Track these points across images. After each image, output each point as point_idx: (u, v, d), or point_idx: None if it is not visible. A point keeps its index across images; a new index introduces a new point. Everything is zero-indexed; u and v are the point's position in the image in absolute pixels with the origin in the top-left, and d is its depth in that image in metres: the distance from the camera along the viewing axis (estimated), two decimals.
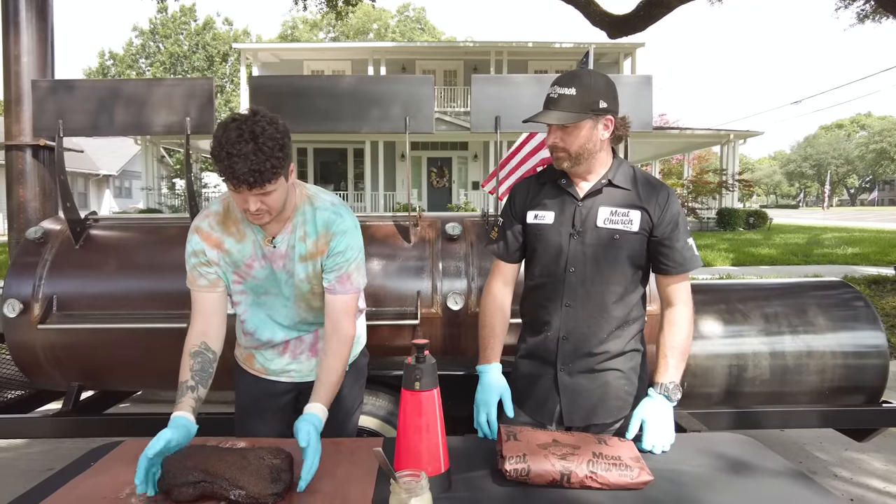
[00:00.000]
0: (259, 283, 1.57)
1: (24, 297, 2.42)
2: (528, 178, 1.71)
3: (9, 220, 2.83)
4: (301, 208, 1.55)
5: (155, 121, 2.40)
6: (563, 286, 1.57)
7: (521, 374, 1.68)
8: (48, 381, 2.59)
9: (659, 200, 1.54)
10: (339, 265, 1.55)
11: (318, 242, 1.54)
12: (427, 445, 1.21)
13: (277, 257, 1.55)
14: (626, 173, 1.57)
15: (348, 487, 1.23)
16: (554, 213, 1.58)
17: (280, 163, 1.32)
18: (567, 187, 1.58)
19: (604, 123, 1.50)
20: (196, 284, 1.54)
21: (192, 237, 1.53)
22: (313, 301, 1.62)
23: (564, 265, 1.57)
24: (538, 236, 1.60)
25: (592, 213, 1.55)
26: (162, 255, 2.51)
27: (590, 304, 1.56)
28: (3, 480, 2.99)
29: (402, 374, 1.24)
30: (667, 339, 1.54)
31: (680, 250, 1.55)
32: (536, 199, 1.63)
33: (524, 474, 1.23)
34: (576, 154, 1.50)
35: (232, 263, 1.54)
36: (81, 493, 1.22)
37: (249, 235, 1.53)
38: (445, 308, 2.40)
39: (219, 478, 1.16)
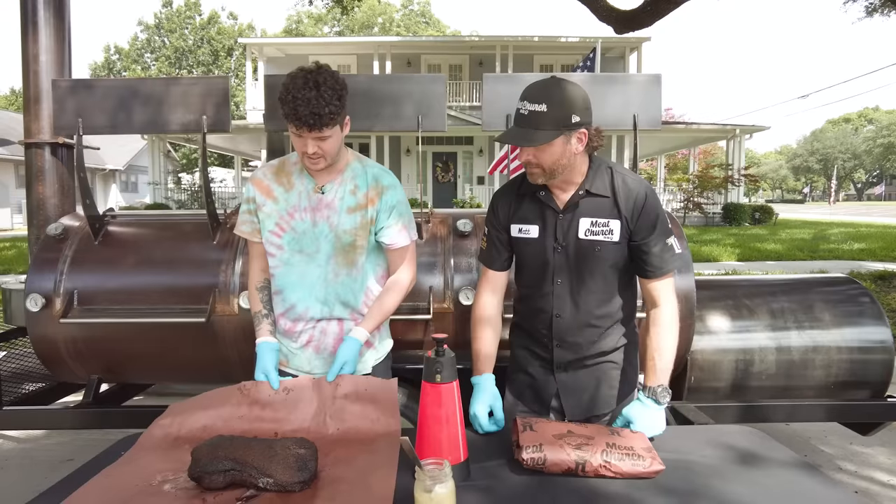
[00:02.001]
0: (297, 236, 1.64)
1: (46, 291, 2.48)
2: (508, 188, 1.68)
3: (28, 216, 2.89)
4: (351, 164, 1.68)
5: (172, 119, 2.44)
6: (551, 297, 1.60)
7: (519, 368, 1.72)
8: (69, 374, 2.65)
9: (636, 206, 1.52)
10: (395, 219, 1.67)
11: (369, 194, 1.65)
12: (447, 435, 1.26)
13: (322, 207, 1.63)
14: (604, 180, 1.55)
15: (370, 475, 1.28)
16: (537, 226, 1.59)
17: (337, 110, 1.47)
18: (546, 200, 1.57)
19: (577, 137, 1.47)
20: (240, 230, 1.73)
21: (246, 186, 1.72)
22: (350, 257, 1.65)
23: (551, 277, 1.59)
24: (524, 250, 1.63)
25: (574, 225, 1.55)
26: (179, 250, 2.56)
27: (579, 313, 1.59)
28: (24, 470, 3.06)
29: (423, 367, 1.29)
30: (653, 342, 1.54)
31: (658, 254, 1.54)
32: (519, 213, 1.63)
33: (540, 463, 1.28)
34: (550, 170, 1.49)
35: (277, 212, 1.65)
36: (114, 482, 1.27)
37: (297, 187, 1.65)
38: (457, 303, 2.45)
39: (248, 466, 1.21)
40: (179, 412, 1.53)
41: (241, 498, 1.19)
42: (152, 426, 1.50)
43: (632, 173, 1.58)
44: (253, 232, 1.71)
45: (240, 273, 2.46)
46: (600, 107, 2.54)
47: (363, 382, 1.56)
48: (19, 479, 2.97)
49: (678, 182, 19.62)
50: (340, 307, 1.69)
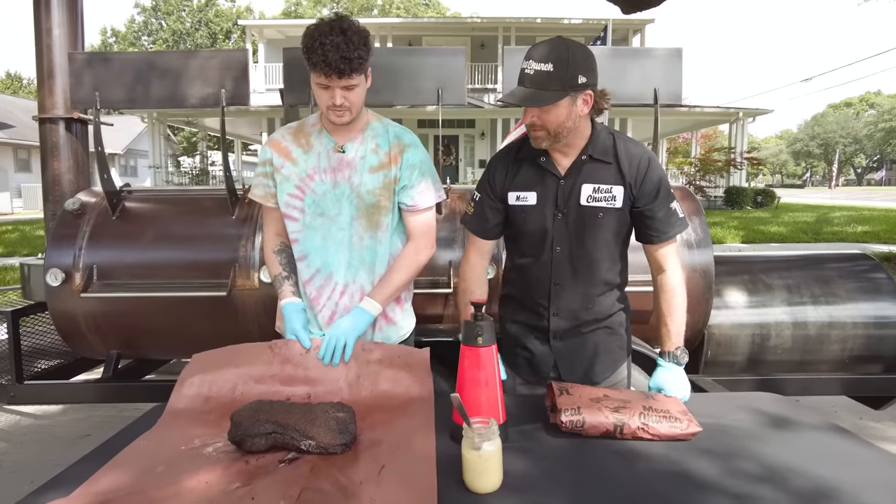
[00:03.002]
0: (317, 198, 1.60)
1: (66, 266, 2.48)
2: (506, 153, 1.63)
3: (44, 192, 2.88)
4: (371, 123, 1.65)
5: (190, 93, 2.43)
6: (550, 266, 1.58)
7: (512, 340, 1.70)
8: (88, 349, 2.66)
9: (639, 171, 1.51)
10: (418, 178, 1.63)
11: (391, 152, 1.62)
12: (486, 398, 1.26)
13: (343, 166, 1.60)
14: (606, 144, 1.52)
15: (410, 438, 1.29)
16: (536, 193, 1.55)
17: (365, 54, 1.45)
18: (547, 165, 1.54)
19: (583, 99, 1.43)
20: (253, 193, 1.69)
21: (263, 148, 1.67)
22: (374, 219, 1.61)
23: (550, 245, 1.57)
24: (523, 218, 1.58)
25: (575, 191, 1.52)
26: (198, 225, 2.56)
27: (579, 281, 1.58)
28: (43, 445, 3.09)
29: (462, 331, 1.29)
30: (664, 308, 1.55)
31: (663, 219, 1.52)
32: (517, 179, 1.58)
33: (579, 426, 1.29)
34: (555, 132, 1.45)
35: (296, 174, 1.61)
36: (155, 445, 1.28)
37: (316, 147, 1.61)
38: None
39: (290, 429, 1.22)
40: (208, 368, 1.52)
41: (283, 460, 1.20)
42: (182, 384, 1.50)
43: (632, 139, 1.57)
44: (266, 196, 1.66)
45: (260, 248, 2.46)
46: (621, 81, 2.54)
47: (396, 350, 1.56)
48: (39, 453, 2.99)
49: (680, 165, 19.57)
50: (365, 273, 1.64)
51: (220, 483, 1.11)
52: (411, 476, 1.12)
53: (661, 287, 1.57)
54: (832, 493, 1.06)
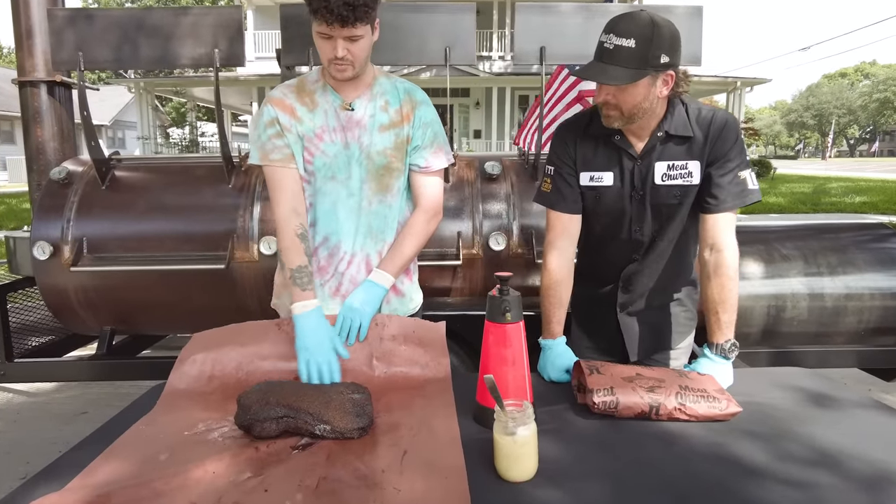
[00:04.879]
0: (328, 161, 1.47)
1: (54, 239, 2.36)
2: (573, 128, 1.50)
3: (27, 161, 2.72)
4: (379, 79, 1.52)
5: (181, 53, 2.27)
6: (628, 244, 1.50)
7: (579, 311, 1.64)
8: (81, 325, 2.55)
9: (712, 132, 1.38)
10: (430, 138, 1.52)
11: (402, 110, 1.50)
12: (513, 378, 1.17)
13: (353, 125, 1.47)
14: (681, 118, 1.40)
15: (431, 420, 1.20)
16: (612, 173, 1.45)
17: (371, 2, 1.33)
18: (622, 144, 1.43)
19: (664, 79, 1.31)
20: (269, 159, 1.46)
21: (264, 109, 1.48)
22: (385, 182, 1.50)
23: (629, 226, 1.48)
24: (598, 199, 1.48)
25: (650, 171, 1.42)
26: (193, 195, 2.44)
27: (654, 261, 1.51)
28: (38, 423, 3.00)
29: (487, 306, 1.20)
30: (715, 294, 1.40)
31: (724, 185, 1.39)
32: (590, 158, 1.47)
33: (612, 407, 1.20)
34: (629, 114, 1.34)
35: (303, 135, 1.46)
36: (156, 430, 1.19)
37: (322, 105, 1.47)
38: (487, 249, 2.35)
39: (302, 412, 1.13)
40: (210, 346, 1.42)
41: (296, 447, 1.11)
42: (183, 362, 1.40)
43: (709, 106, 1.44)
44: (286, 158, 1.46)
45: (259, 218, 2.34)
46: None
47: (410, 324, 1.47)
48: (34, 431, 2.91)
49: None
50: (372, 241, 1.53)
51: (229, 472, 1.01)
52: (437, 463, 1.03)
53: (713, 269, 1.40)
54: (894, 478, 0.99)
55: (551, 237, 1.52)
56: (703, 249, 1.44)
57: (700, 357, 1.45)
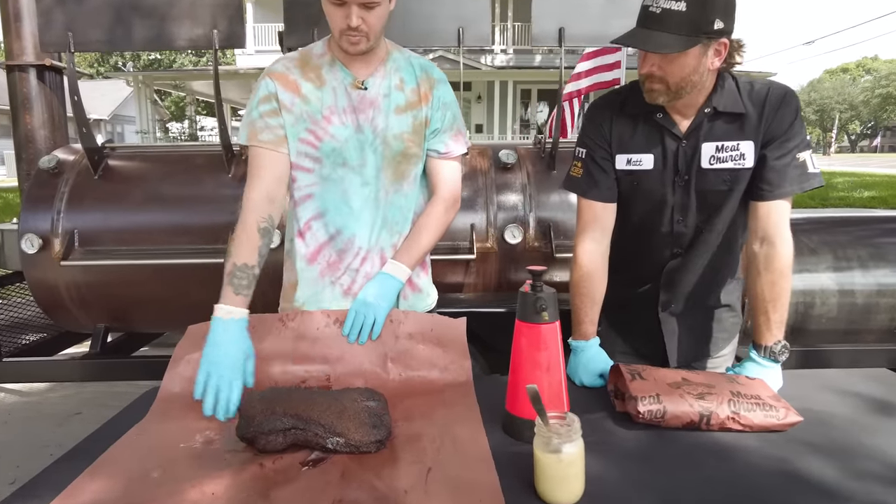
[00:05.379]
0: (338, 145, 1.31)
1: (43, 232, 2.23)
2: (608, 106, 1.36)
3: (16, 150, 2.60)
4: (392, 54, 1.37)
5: (178, 34, 2.13)
6: (669, 239, 1.36)
7: (613, 311, 1.50)
8: (73, 322, 2.43)
9: (769, 108, 1.23)
10: (450, 121, 1.39)
11: (420, 89, 1.36)
12: (549, 384, 1.05)
13: (365, 106, 1.32)
14: (732, 94, 1.25)
15: (454, 431, 1.07)
16: (653, 156, 1.30)
17: None
18: (665, 123, 1.28)
19: (716, 49, 1.17)
20: (258, 139, 1.30)
21: (262, 82, 1.32)
22: (401, 169, 1.36)
23: (670, 216, 1.33)
24: (634, 185, 1.34)
25: (697, 153, 1.28)
26: (191, 185, 2.31)
27: (702, 255, 1.36)
28: (30, 424, 2.88)
29: (518, 304, 1.07)
30: (766, 292, 1.26)
31: (780, 168, 1.23)
32: (627, 139, 1.32)
33: (659, 416, 1.07)
34: (676, 87, 1.20)
35: (309, 115, 1.31)
36: (148, 441, 1.06)
37: (331, 82, 1.32)
38: (502, 242, 2.22)
39: (313, 424, 1.00)
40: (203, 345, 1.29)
41: (305, 462, 0.98)
42: (177, 363, 1.26)
43: (763, 80, 1.29)
44: (276, 140, 1.30)
45: None
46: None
47: (428, 321, 1.34)
48: (25, 433, 2.79)
49: None
50: (387, 233, 1.39)
51: (230, 493, 0.89)
52: (467, 482, 0.91)
53: (764, 264, 1.26)
54: None
55: (582, 227, 1.38)
56: (752, 241, 1.30)
57: (745, 360, 1.32)
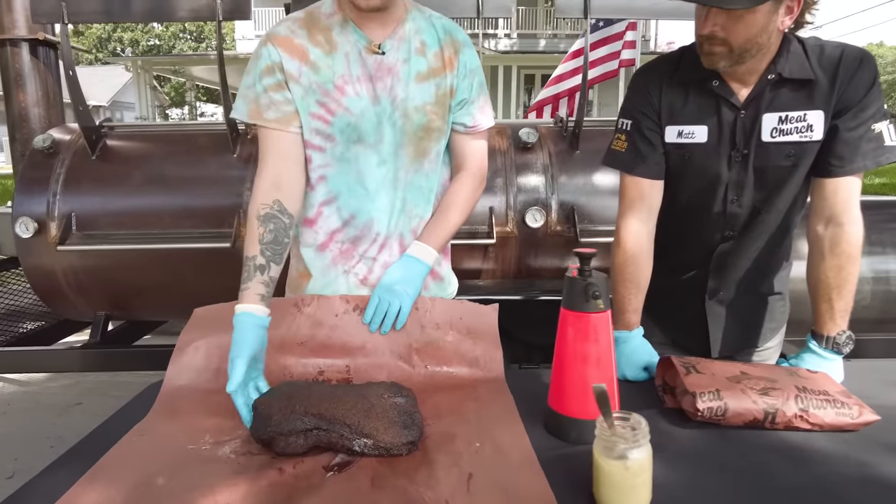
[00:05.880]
0: (353, 120, 1.17)
1: (38, 215, 2.12)
2: (656, 70, 1.24)
3: (10, 130, 2.48)
4: (410, 13, 1.20)
5: (180, 4, 2.00)
6: (722, 219, 1.24)
7: (647, 303, 1.39)
8: (72, 310, 2.32)
9: (840, 79, 1.10)
10: (478, 90, 1.25)
11: (444, 54, 1.20)
12: (599, 380, 0.93)
13: (383, 73, 1.17)
14: (799, 58, 1.12)
15: (492, 430, 0.97)
16: (707, 127, 1.18)
17: None
18: (721, 91, 1.16)
19: (787, 6, 1.06)
20: (263, 117, 1.15)
21: (263, 50, 1.15)
22: (423, 146, 1.23)
23: (723, 195, 1.21)
24: (684, 160, 1.22)
25: (758, 124, 1.15)
26: (194, 166, 2.19)
27: (757, 238, 1.25)
28: (30, 415, 2.79)
29: (565, 291, 0.95)
30: (830, 277, 1.15)
31: (855, 140, 1.11)
32: (678, 109, 1.20)
33: (720, 414, 0.97)
34: (740, 49, 1.07)
35: (319, 86, 1.15)
36: (152, 443, 0.95)
37: (343, 47, 1.16)
38: (522, 226, 2.11)
39: (337, 424, 0.89)
40: (214, 329, 1.17)
41: (330, 467, 0.87)
42: (182, 352, 1.16)
43: (834, 42, 1.15)
44: (286, 118, 1.15)
45: None
46: None
47: (457, 309, 1.22)
48: (25, 424, 2.70)
49: None
50: (406, 218, 1.26)
51: (248, 503, 0.78)
52: (515, 490, 0.80)
53: (829, 247, 1.15)
54: None
55: (626, 206, 1.26)
56: (815, 222, 1.18)
57: (803, 351, 1.21)
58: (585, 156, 2.15)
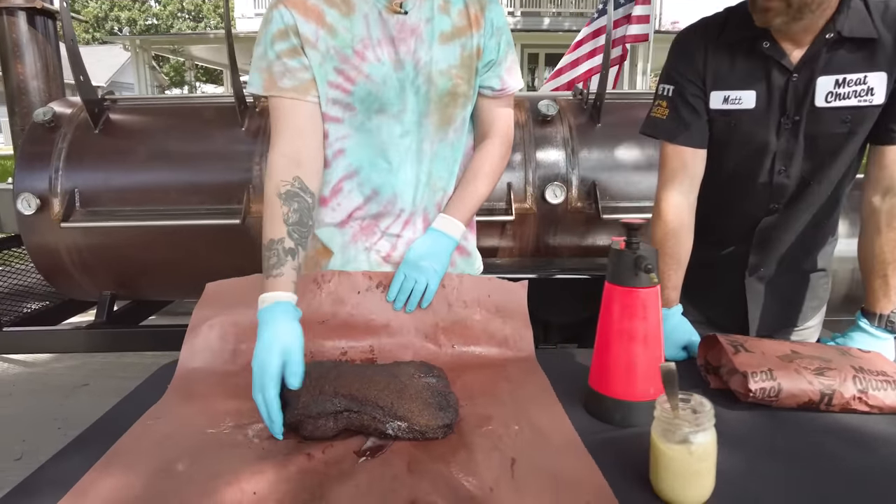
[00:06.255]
0: (374, 87, 1.07)
1: (41, 191, 2.05)
2: (701, 32, 1.16)
3: (8, 102, 2.40)
4: None
5: None
6: (767, 190, 1.16)
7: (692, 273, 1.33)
8: (76, 290, 2.26)
9: None
10: (505, 50, 1.16)
11: (469, 11, 1.11)
12: (646, 361, 0.88)
13: (406, 34, 1.08)
14: (860, 15, 1.03)
15: (529, 411, 0.91)
16: (755, 92, 1.10)
17: None
18: (772, 53, 1.07)
19: None
20: (278, 86, 1.05)
21: (274, 13, 1.05)
22: (448, 113, 1.14)
23: (771, 165, 1.14)
24: (730, 127, 1.14)
25: (812, 88, 1.07)
26: (200, 140, 2.12)
27: (804, 211, 1.17)
28: (36, 397, 2.75)
29: (611, 263, 0.89)
30: (886, 252, 1.08)
31: None
32: (725, 73, 1.12)
33: (773, 395, 0.91)
34: (798, 5, 0.99)
35: (337, 51, 1.06)
36: (164, 428, 0.89)
37: (360, 7, 1.07)
38: (542, 202, 2.04)
39: (369, 405, 0.83)
40: (229, 305, 1.11)
41: (361, 452, 0.81)
42: (196, 332, 1.09)
43: None
44: (302, 86, 1.06)
45: None
46: None
47: (486, 286, 1.16)
48: (32, 405, 2.66)
49: None
50: (430, 192, 1.18)
51: (278, 492, 0.72)
52: (563, 477, 0.75)
53: (886, 220, 1.08)
54: None
55: (668, 177, 1.19)
56: (871, 194, 1.10)
57: (853, 330, 1.15)
58: (607, 129, 2.07)
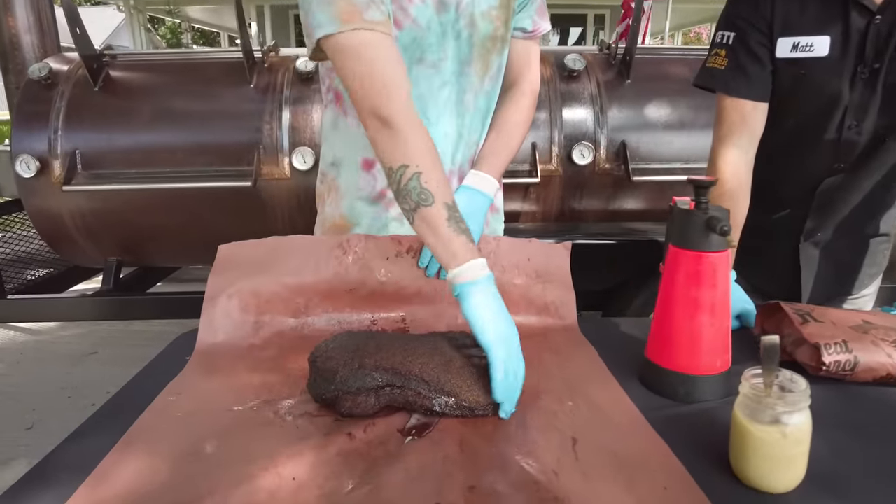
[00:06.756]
0: (419, 32, 0.97)
1: (40, 153, 1.95)
2: None
3: (1, 60, 2.27)
4: None
5: None
6: (834, 148, 1.06)
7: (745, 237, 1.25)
8: (81, 256, 2.19)
9: None
10: None
11: None
12: (714, 332, 0.80)
13: None
14: None
15: (582, 386, 0.84)
16: (830, 38, 1.00)
17: None
18: None
19: None
20: (364, 19, 0.87)
21: None
22: (487, 60, 1.05)
23: (841, 119, 1.04)
24: (800, 80, 1.04)
25: (893, 36, 0.97)
26: (206, 98, 2.01)
27: (873, 171, 1.07)
28: (43, 365, 2.70)
29: (673, 224, 0.81)
30: None
31: None
32: (795, 18, 1.02)
33: (848, 368, 0.84)
34: None
35: None
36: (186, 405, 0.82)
37: None
38: (568, 163, 1.94)
39: (413, 380, 0.76)
40: (246, 272, 1.02)
41: (407, 431, 0.74)
42: (213, 303, 1.01)
43: None
44: (387, 21, 0.90)
45: (289, 126, 1.92)
46: None
47: (523, 249, 1.08)
48: (40, 374, 2.61)
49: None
50: (465, 148, 1.08)
51: (320, 477, 0.65)
52: (632, 458, 0.68)
53: None
54: None
55: (725, 132, 1.09)
56: None
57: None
58: (637, 85, 1.96)
